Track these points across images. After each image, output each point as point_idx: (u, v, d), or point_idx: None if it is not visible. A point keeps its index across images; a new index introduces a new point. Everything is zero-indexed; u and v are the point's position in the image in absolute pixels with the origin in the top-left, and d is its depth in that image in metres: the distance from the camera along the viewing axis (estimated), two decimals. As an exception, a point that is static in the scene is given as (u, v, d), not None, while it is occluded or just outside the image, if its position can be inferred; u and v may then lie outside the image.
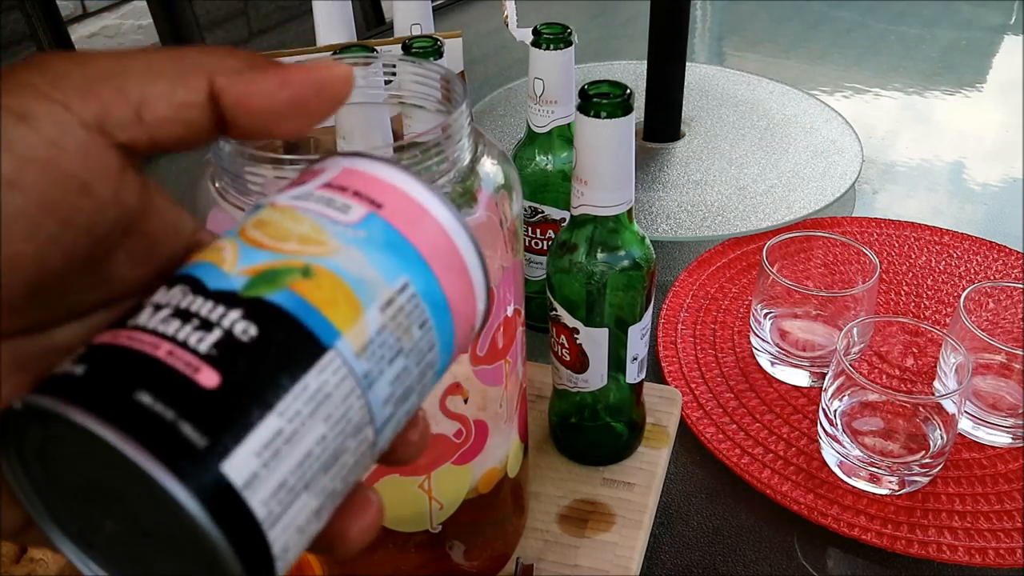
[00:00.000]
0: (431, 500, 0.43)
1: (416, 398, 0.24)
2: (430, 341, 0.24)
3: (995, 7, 1.39)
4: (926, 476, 0.59)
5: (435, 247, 0.24)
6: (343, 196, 0.24)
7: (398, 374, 0.23)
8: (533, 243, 0.68)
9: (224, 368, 0.20)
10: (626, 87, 0.47)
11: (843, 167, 0.94)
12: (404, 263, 0.23)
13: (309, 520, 0.21)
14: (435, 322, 0.24)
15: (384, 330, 0.22)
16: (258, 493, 0.19)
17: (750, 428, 0.64)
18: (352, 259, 0.22)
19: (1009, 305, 0.67)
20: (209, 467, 0.19)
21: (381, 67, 0.40)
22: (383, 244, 0.23)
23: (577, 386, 0.55)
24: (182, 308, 0.21)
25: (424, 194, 0.25)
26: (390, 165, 0.25)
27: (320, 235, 0.22)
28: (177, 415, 0.19)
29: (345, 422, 0.21)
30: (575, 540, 0.53)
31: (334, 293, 0.22)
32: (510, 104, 1.06)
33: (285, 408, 0.20)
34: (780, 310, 0.69)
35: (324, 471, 0.21)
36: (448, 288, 0.24)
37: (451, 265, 0.24)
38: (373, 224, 0.23)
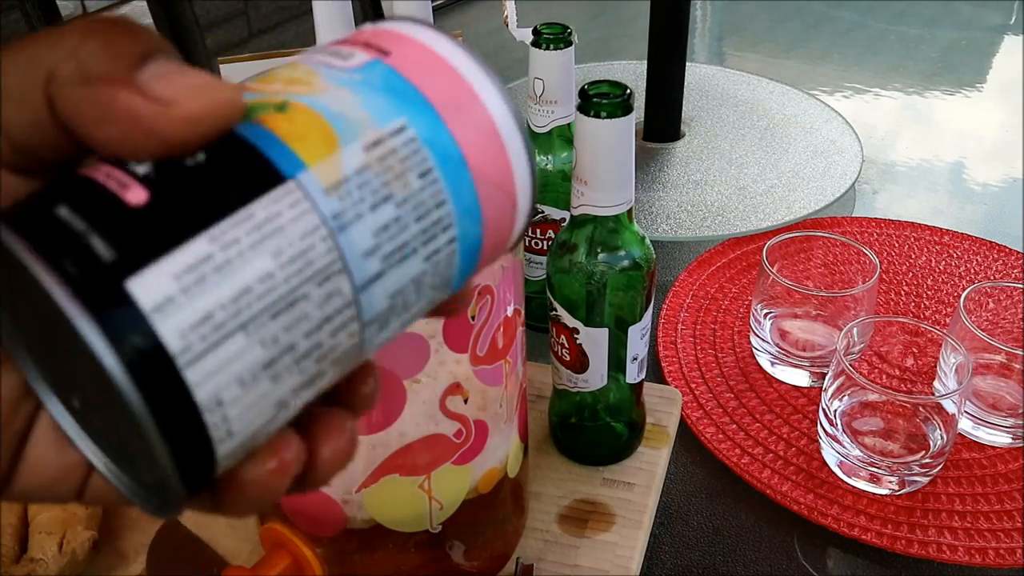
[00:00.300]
0: (431, 500, 0.43)
1: (424, 265, 0.21)
2: (437, 195, 0.21)
3: (995, 7, 1.39)
4: (926, 476, 0.59)
5: (452, 98, 0.21)
6: (351, 47, 0.22)
7: (386, 224, 0.20)
8: (533, 243, 0.68)
9: (156, 187, 0.18)
10: (626, 87, 0.47)
11: (843, 167, 0.94)
12: (405, 106, 0.21)
13: (256, 373, 0.18)
14: (444, 174, 0.21)
15: (367, 170, 0.20)
16: (171, 320, 0.17)
17: (750, 428, 0.64)
18: (338, 98, 0.20)
19: (1009, 305, 0.67)
20: (111, 283, 0.17)
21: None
22: (381, 87, 0.21)
23: (577, 386, 0.55)
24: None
25: (449, 47, 0.22)
26: (417, 24, 0.22)
27: (310, 77, 0.21)
28: (89, 228, 0.17)
29: (303, 262, 0.19)
30: (575, 540, 0.53)
31: (307, 127, 0.19)
32: (510, 104, 1.06)
33: (220, 233, 0.18)
34: (780, 310, 0.69)
35: (272, 316, 0.18)
36: (466, 143, 0.21)
37: (475, 121, 0.21)
38: (374, 69, 0.21)
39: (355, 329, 0.20)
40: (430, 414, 0.41)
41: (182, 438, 0.18)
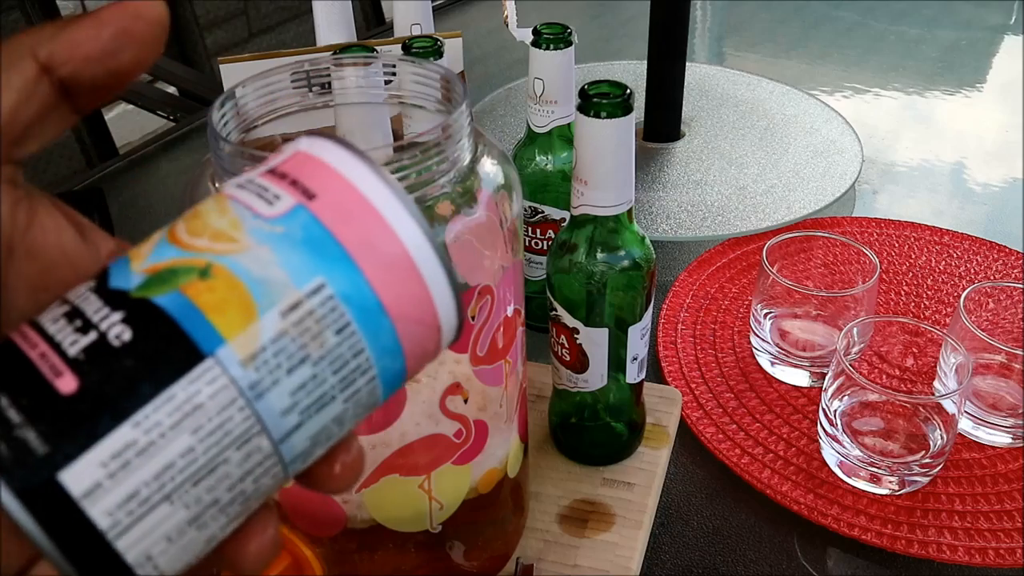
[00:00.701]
0: (431, 500, 0.43)
1: (343, 406, 0.23)
2: (354, 347, 0.22)
3: (995, 7, 1.39)
4: (926, 476, 0.59)
5: (370, 244, 0.22)
6: (278, 185, 0.22)
7: (303, 383, 0.21)
8: (533, 243, 0.68)
9: (84, 374, 0.20)
10: (626, 87, 0.47)
11: (843, 167, 0.94)
12: (323, 262, 0.22)
13: (182, 529, 0.21)
14: (361, 326, 0.22)
15: (283, 336, 0.21)
16: (100, 503, 0.19)
17: (750, 428, 0.64)
18: (259, 259, 0.21)
19: (1009, 305, 0.67)
20: (43, 475, 0.19)
21: (381, 67, 0.40)
22: (301, 241, 0.22)
23: (577, 386, 0.55)
24: (75, 306, 0.21)
25: (373, 185, 0.23)
26: (347, 151, 0.23)
27: (235, 231, 0.22)
28: (25, 420, 0.19)
29: (222, 434, 0.21)
30: (575, 540, 0.53)
31: (227, 296, 0.21)
32: (510, 104, 1.06)
33: (142, 418, 0.20)
34: (780, 310, 0.69)
35: (193, 483, 0.20)
36: (384, 290, 0.22)
37: (393, 265, 0.22)
38: (296, 218, 0.22)
39: (278, 471, 0.22)
40: (430, 414, 0.41)
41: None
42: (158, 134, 1.07)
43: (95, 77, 0.22)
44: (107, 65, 0.22)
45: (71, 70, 0.22)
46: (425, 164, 0.35)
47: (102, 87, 0.23)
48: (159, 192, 0.97)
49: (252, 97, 0.37)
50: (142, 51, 0.23)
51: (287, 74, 0.38)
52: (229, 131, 0.36)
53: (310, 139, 0.24)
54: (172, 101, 1.48)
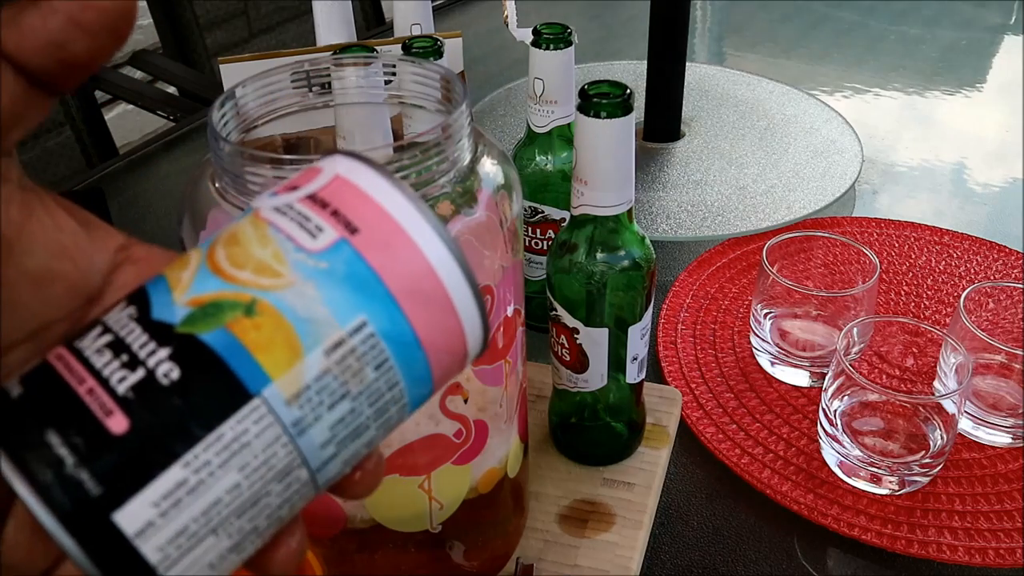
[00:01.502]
0: (431, 500, 0.43)
1: (375, 432, 0.23)
2: (391, 380, 0.23)
3: (995, 7, 1.39)
4: (926, 476, 0.59)
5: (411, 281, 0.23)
6: (320, 215, 0.23)
7: (342, 417, 0.22)
8: (533, 243, 0.68)
9: (135, 414, 0.20)
10: (626, 87, 0.47)
11: (843, 167, 0.94)
12: (365, 300, 0.22)
13: (223, 556, 0.21)
14: (398, 361, 0.23)
15: (327, 375, 0.22)
16: (152, 540, 0.20)
17: (750, 428, 0.64)
18: (304, 296, 0.22)
19: (1009, 305, 0.67)
20: (98, 515, 0.20)
21: (381, 67, 0.40)
22: (344, 278, 0.22)
23: (577, 386, 0.55)
24: (119, 337, 0.21)
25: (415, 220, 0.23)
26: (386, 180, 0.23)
27: (279, 264, 0.22)
28: (78, 460, 0.20)
29: (266, 469, 0.21)
30: (575, 540, 0.53)
31: (273, 335, 0.21)
32: (510, 104, 1.06)
33: (192, 459, 0.20)
34: (780, 310, 0.69)
35: (238, 516, 0.21)
36: (421, 325, 0.23)
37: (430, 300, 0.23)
38: (340, 253, 0.22)
39: (311, 494, 0.23)
40: (430, 414, 0.41)
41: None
42: (158, 134, 1.07)
43: (48, 67, 0.21)
44: (56, 57, 0.21)
45: (26, 61, 0.21)
46: (425, 164, 0.35)
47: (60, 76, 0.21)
48: (159, 192, 0.97)
49: (252, 97, 0.37)
50: (95, 41, 0.21)
51: (287, 74, 0.38)
52: (229, 131, 0.36)
53: (347, 162, 0.24)
54: (172, 101, 1.48)
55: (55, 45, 0.21)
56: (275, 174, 0.34)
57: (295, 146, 0.45)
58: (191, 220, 0.38)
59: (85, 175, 1.01)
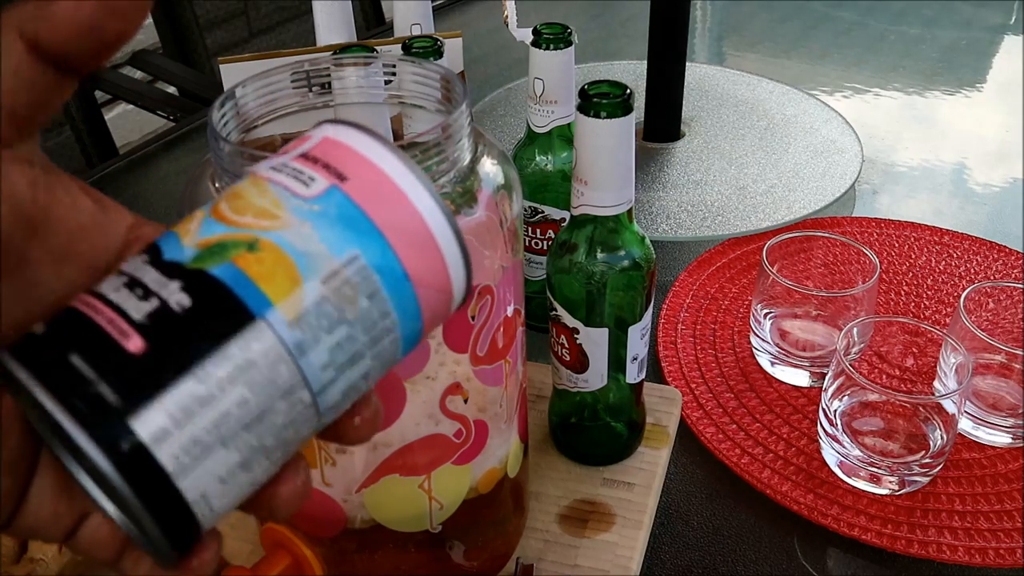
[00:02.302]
0: (431, 500, 0.43)
1: (371, 362, 0.25)
2: (383, 310, 0.25)
3: (995, 7, 1.39)
4: (926, 476, 0.59)
5: (398, 221, 0.25)
6: (312, 168, 0.25)
7: (339, 342, 0.24)
8: (533, 243, 0.68)
9: (151, 335, 0.22)
10: (626, 87, 0.47)
11: (843, 167, 0.94)
12: (356, 236, 0.24)
13: (233, 471, 0.23)
14: (389, 292, 0.25)
15: (324, 301, 0.24)
16: (166, 447, 0.22)
17: (750, 428, 0.64)
18: (301, 234, 0.24)
19: (1009, 305, 0.67)
20: (118, 423, 0.21)
21: (381, 67, 0.40)
22: (337, 218, 0.24)
23: (577, 386, 0.55)
24: (135, 277, 0.23)
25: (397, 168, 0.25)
26: (370, 137, 0.26)
27: (277, 209, 0.24)
28: (98, 376, 0.22)
29: (272, 386, 0.23)
30: (575, 540, 0.53)
31: (274, 267, 0.23)
32: (510, 104, 1.06)
33: (203, 373, 0.22)
34: (780, 310, 0.69)
35: (246, 429, 0.23)
36: (408, 260, 0.25)
37: (415, 238, 0.25)
38: (332, 198, 0.24)
39: (314, 420, 0.25)
40: (430, 414, 0.41)
41: (175, 524, 0.23)
42: (158, 134, 1.07)
43: (81, 50, 0.23)
44: (92, 38, 0.23)
45: (58, 47, 0.22)
46: (425, 164, 0.35)
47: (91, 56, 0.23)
48: (159, 192, 0.97)
49: (252, 97, 0.37)
50: (124, 21, 0.23)
51: (287, 74, 0.38)
52: (229, 131, 0.36)
53: (334, 126, 0.26)
54: (172, 101, 1.48)
55: (90, 28, 0.23)
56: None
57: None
58: (191, 220, 0.38)
59: (85, 175, 1.01)
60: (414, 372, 0.40)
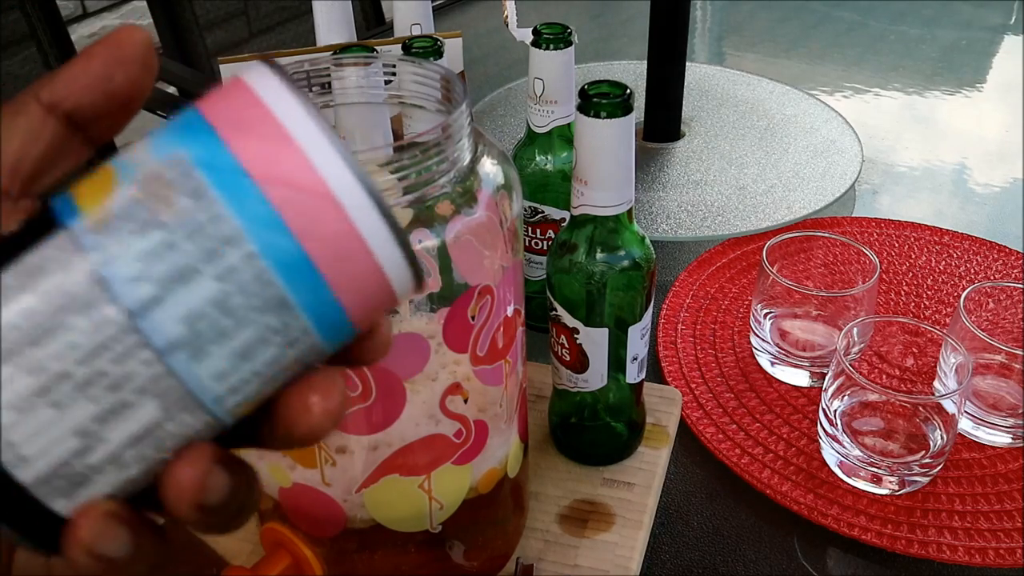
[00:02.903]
0: (431, 500, 0.43)
1: (216, 284, 0.21)
2: (212, 212, 0.21)
3: (995, 7, 1.39)
4: (926, 476, 0.59)
5: (238, 117, 0.21)
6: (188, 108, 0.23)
7: (152, 248, 0.21)
8: (533, 243, 0.68)
9: None
10: (626, 87, 0.47)
11: (843, 167, 0.94)
12: (185, 137, 0.22)
13: (30, 400, 0.20)
14: (220, 190, 0.21)
15: (133, 203, 0.21)
16: None
17: (750, 428, 0.64)
18: (136, 149, 0.22)
19: (1009, 305, 0.67)
20: None
21: (381, 67, 0.40)
22: (174, 127, 0.22)
23: (577, 386, 0.55)
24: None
25: (259, 76, 0.22)
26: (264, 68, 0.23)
27: (138, 142, 0.23)
28: None
29: (63, 295, 0.20)
30: (575, 540, 0.53)
31: (98, 180, 0.22)
32: (510, 104, 1.06)
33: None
34: (780, 310, 0.69)
35: (33, 344, 0.20)
36: (245, 152, 0.21)
37: (255, 129, 0.21)
38: (183, 115, 0.23)
39: (148, 356, 0.21)
40: (430, 414, 0.41)
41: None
42: (158, 134, 1.07)
43: (95, 103, 0.24)
44: (103, 90, 0.24)
45: (73, 103, 0.24)
46: (425, 164, 0.35)
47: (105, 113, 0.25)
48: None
49: (252, 97, 0.37)
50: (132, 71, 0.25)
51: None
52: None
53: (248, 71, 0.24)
54: (172, 101, 1.48)
55: (101, 79, 0.24)
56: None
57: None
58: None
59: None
60: (414, 372, 0.40)
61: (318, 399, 0.23)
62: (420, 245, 0.36)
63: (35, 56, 1.19)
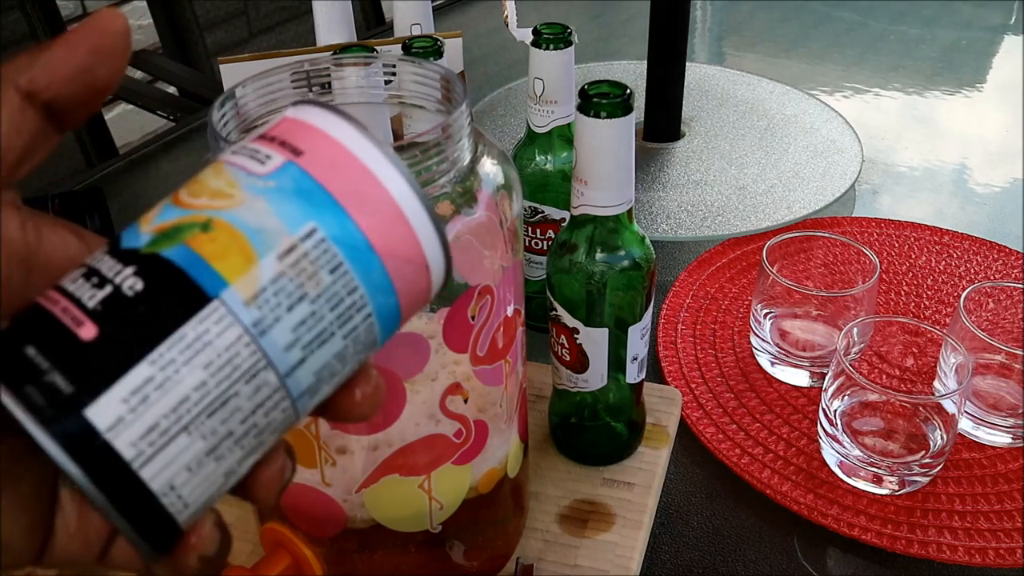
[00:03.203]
0: (431, 500, 0.43)
1: (343, 342, 0.24)
2: (348, 284, 0.24)
3: (995, 7, 1.39)
4: (926, 476, 0.59)
5: (357, 191, 0.24)
6: (268, 146, 0.24)
7: (303, 319, 0.23)
8: (533, 243, 0.68)
9: (103, 321, 0.22)
10: (626, 87, 0.47)
11: (843, 167, 0.94)
12: (313, 209, 0.24)
13: (200, 459, 0.22)
14: (353, 265, 0.24)
15: (281, 277, 0.23)
16: (124, 435, 0.21)
17: (750, 428, 0.64)
18: (255, 210, 0.23)
19: (1009, 305, 0.67)
20: (72, 412, 0.21)
21: (381, 67, 0.40)
22: (292, 192, 0.24)
23: (577, 386, 0.55)
24: (92, 267, 0.23)
25: (355, 138, 0.25)
26: (330, 112, 0.25)
27: (232, 188, 0.24)
28: (52, 365, 0.21)
29: (231, 368, 0.22)
30: (575, 540, 0.53)
31: (228, 245, 0.23)
32: (510, 104, 1.06)
33: (157, 357, 0.22)
34: (780, 310, 0.69)
35: (208, 415, 0.22)
36: (371, 230, 0.24)
37: (377, 207, 0.24)
38: (287, 173, 0.24)
39: (286, 406, 0.24)
40: (430, 414, 0.41)
41: (145, 519, 0.22)
42: (158, 134, 1.07)
43: (75, 95, 0.24)
44: (85, 82, 0.24)
45: (53, 93, 0.24)
46: (425, 164, 0.35)
47: (82, 104, 0.24)
48: (159, 192, 0.96)
49: (252, 97, 0.37)
50: (113, 62, 0.24)
51: (287, 74, 0.38)
52: (229, 131, 0.36)
53: (296, 106, 0.26)
54: (172, 101, 1.48)
55: (84, 71, 0.24)
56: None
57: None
58: (191, 220, 0.38)
59: (85, 175, 1.01)
60: (414, 372, 0.40)
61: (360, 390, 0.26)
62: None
63: (35, 56, 1.20)
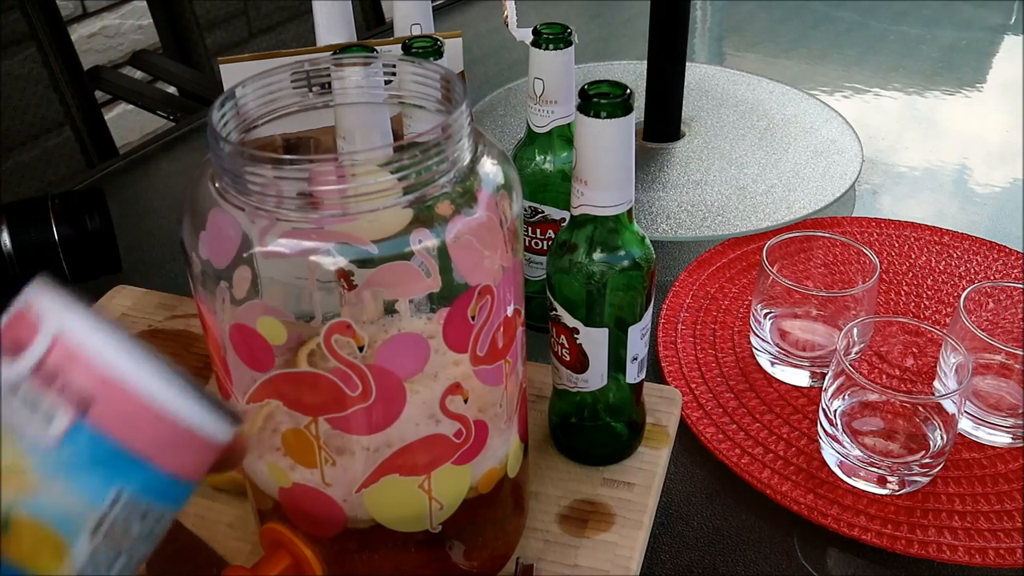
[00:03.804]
0: (431, 500, 0.43)
1: (148, 546, 0.24)
2: (156, 515, 0.24)
3: (995, 7, 1.39)
4: (926, 476, 0.59)
5: (155, 434, 0.23)
6: (50, 395, 0.23)
7: (120, 567, 0.23)
8: (533, 243, 0.68)
9: None
10: (626, 87, 0.47)
11: (843, 167, 0.94)
12: (116, 473, 0.23)
13: None
14: (158, 501, 0.24)
15: (96, 552, 0.22)
16: None
17: (750, 428, 0.64)
18: (54, 493, 0.22)
19: (1009, 305, 0.67)
20: None
21: (381, 67, 0.40)
22: (90, 461, 0.22)
23: (577, 386, 0.55)
24: None
25: (138, 373, 0.23)
26: (101, 334, 0.23)
27: (23, 463, 0.22)
28: None
29: None
30: (575, 540, 0.53)
31: (36, 544, 0.22)
32: (510, 104, 1.06)
33: None
34: (780, 310, 0.69)
35: None
36: (172, 462, 0.24)
37: (178, 441, 0.24)
38: (79, 436, 0.22)
39: None
40: (430, 414, 0.41)
41: None
42: (158, 134, 1.07)
43: None
44: None
45: None
46: (425, 164, 0.35)
47: None
48: (159, 192, 0.97)
49: (252, 97, 0.37)
50: None
51: (287, 74, 0.38)
52: (229, 131, 0.36)
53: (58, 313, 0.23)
54: (172, 101, 1.48)
55: None
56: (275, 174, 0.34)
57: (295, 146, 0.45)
58: (191, 220, 0.38)
59: (85, 175, 1.01)
60: (414, 372, 0.40)
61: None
62: (420, 245, 0.37)
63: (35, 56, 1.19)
